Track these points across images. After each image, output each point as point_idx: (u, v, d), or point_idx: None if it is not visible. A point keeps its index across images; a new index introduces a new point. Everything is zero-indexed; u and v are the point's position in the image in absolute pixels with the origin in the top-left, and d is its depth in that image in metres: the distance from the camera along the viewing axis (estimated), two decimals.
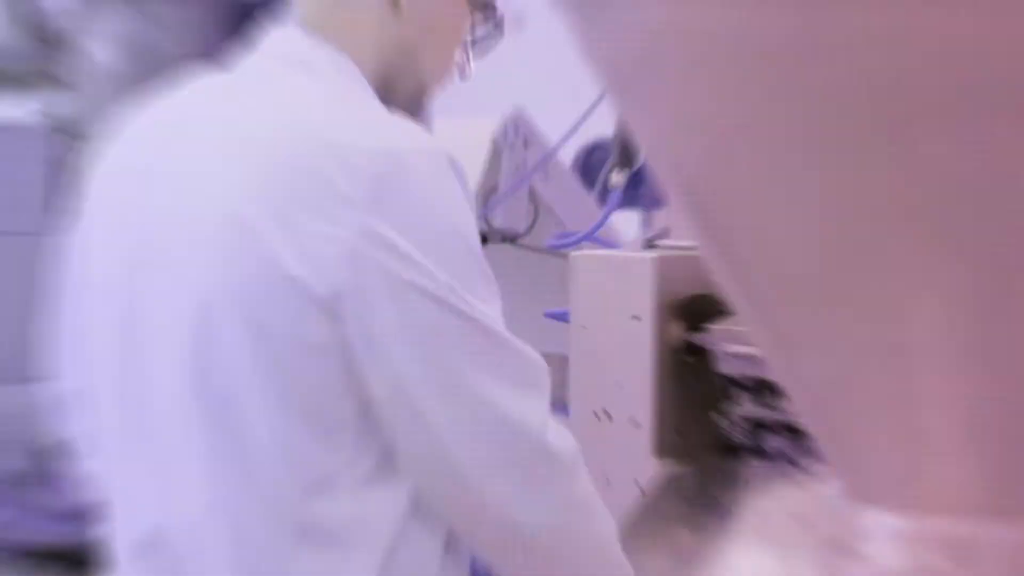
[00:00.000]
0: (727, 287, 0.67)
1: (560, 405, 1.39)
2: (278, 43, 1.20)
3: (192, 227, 1.10)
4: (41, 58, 2.40)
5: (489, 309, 1.10)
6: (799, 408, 0.72)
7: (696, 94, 0.57)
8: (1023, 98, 0.50)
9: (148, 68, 2.03)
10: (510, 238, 2.07)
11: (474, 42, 1.32)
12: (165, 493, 1.13)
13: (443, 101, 1.39)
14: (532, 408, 1.12)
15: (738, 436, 1.53)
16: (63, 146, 2.19)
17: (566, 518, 1.17)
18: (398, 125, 1.14)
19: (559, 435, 1.14)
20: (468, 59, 1.32)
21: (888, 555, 0.65)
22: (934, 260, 0.56)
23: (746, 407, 1.52)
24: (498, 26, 1.34)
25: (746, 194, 0.60)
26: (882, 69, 0.51)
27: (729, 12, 0.53)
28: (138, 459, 1.15)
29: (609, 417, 1.55)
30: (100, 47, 2.32)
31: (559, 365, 1.47)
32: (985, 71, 0.49)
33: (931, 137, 0.52)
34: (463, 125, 2.00)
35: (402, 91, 1.24)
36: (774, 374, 0.76)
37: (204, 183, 1.10)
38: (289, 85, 1.16)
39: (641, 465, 1.53)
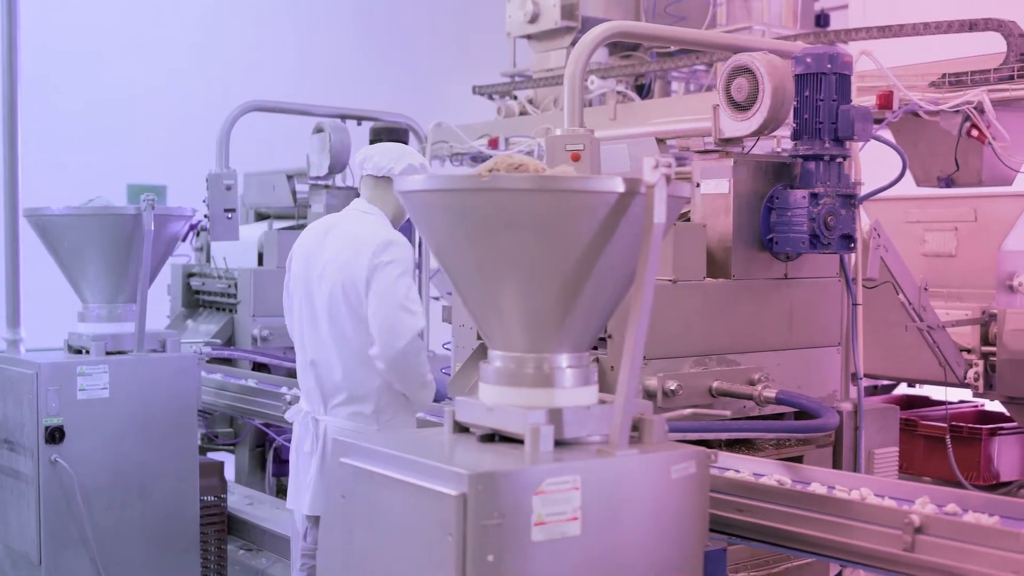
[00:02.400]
0: (452, 286, 2.72)
1: None
2: (357, 204, 4.07)
3: (330, 264, 3.89)
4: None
5: (411, 287, 3.92)
6: (469, 312, 2.71)
7: (428, 225, 2.63)
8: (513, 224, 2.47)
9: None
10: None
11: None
12: (317, 346, 3.89)
13: None
14: (416, 319, 3.81)
15: None
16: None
17: (418, 354, 3.86)
18: (392, 232, 3.93)
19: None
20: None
21: (497, 364, 2.64)
22: (486, 282, 2.60)
23: None
24: None
25: (446, 260, 2.65)
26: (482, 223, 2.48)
27: (432, 197, 2.58)
28: (311, 336, 3.90)
29: None
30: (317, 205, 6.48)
31: None
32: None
33: (496, 240, 2.50)
34: None
35: (396, 223, 4.03)
36: (464, 303, 2.70)
37: (334, 250, 3.91)
38: (360, 220, 4.00)
39: None
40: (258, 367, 6.05)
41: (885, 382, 5.80)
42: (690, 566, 2.61)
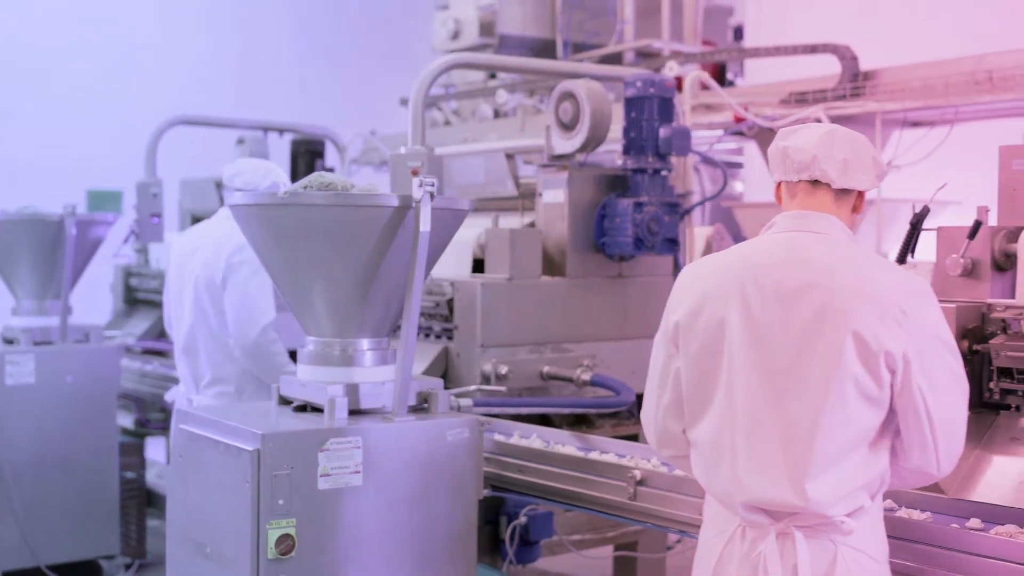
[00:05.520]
0: (275, 284, 3.31)
1: None
2: (223, 212, 4.40)
3: (196, 262, 4.30)
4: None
5: (263, 284, 4.24)
6: (288, 305, 3.25)
7: (248, 233, 3.21)
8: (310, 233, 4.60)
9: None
10: None
11: None
12: (186, 335, 4.33)
13: None
14: (265, 313, 4.21)
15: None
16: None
17: (271, 344, 4.25)
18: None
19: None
20: None
21: (310, 347, 3.22)
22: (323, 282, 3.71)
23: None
24: None
25: (265, 263, 3.26)
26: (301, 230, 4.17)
27: (248, 210, 5.30)
28: (179, 320, 4.39)
29: None
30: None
31: None
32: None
33: (299, 246, 3.81)
34: None
35: None
36: (284, 298, 3.26)
37: (199, 251, 4.32)
38: (222, 225, 4.31)
39: None
40: None
41: None
42: (463, 514, 3.16)
